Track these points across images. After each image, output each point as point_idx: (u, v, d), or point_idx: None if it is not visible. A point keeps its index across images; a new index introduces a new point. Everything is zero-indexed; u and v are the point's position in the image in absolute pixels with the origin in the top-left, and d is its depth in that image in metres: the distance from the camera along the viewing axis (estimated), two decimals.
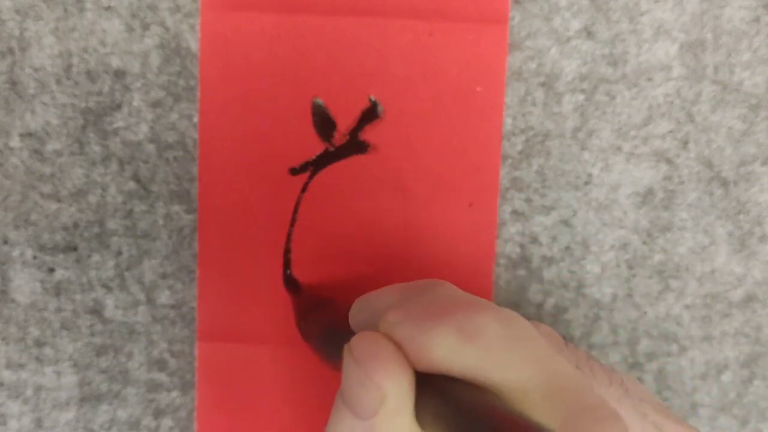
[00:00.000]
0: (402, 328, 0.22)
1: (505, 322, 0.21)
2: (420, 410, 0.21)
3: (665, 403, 0.36)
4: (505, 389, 0.20)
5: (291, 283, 0.35)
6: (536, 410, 0.20)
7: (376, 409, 0.21)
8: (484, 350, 0.20)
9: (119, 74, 0.34)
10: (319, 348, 0.32)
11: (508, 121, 0.34)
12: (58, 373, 0.36)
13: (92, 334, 0.35)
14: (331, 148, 0.34)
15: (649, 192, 0.35)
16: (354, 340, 0.22)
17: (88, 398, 0.36)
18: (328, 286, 0.35)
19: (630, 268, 0.35)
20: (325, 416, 0.35)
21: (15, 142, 0.34)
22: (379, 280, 0.35)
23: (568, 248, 0.35)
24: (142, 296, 0.35)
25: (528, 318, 0.35)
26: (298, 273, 0.35)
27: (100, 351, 0.36)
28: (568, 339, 0.35)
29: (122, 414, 0.36)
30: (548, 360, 0.21)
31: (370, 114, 0.34)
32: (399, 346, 0.22)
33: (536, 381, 0.20)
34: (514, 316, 0.22)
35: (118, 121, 0.34)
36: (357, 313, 0.27)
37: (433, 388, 0.21)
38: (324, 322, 0.32)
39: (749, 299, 0.35)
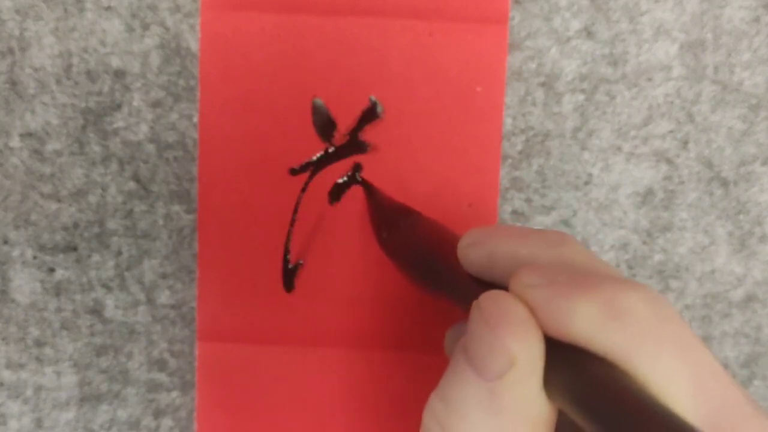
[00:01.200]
0: (539, 292, 0.21)
1: (654, 304, 0.20)
2: (551, 380, 0.20)
3: None
4: (647, 375, 0.19)
5: (291, 283, 0.35)
6: (678, 401, 0.19)
7: (504, 372, 0.20)
8: (631, 331, 0.19)
9: (119, 74, 0.34)
10: (407, 268, 0.30)
11: (508, 121, 0.34)
12: (58, 373, 0.36)
13: (92, 334, 0.35)
14: (331, 148, 0.34)
15: (649, 192, 0.35)
16: (484, 298, 0.21)
17: (88, 398, 0.36)
18: (329, 286, 0.35)
19: (630, 268, 0.35)
20: (325, 416, 0.35)
21: (15, 142, 0.34)
22: (379, 279, 0.35)
23: None
24: (142, 296, 0.35)
25: None
26: (298, 272, 0.35)
27: (100, 351, 0.36)
28: None
29: (122, 414, 0.36)
30: (695, 349, 0.20)
31: (371, 114, 0.34)
32: (532, 310, 0.21)
33: (681, 370, 0.19)
34: (661, 298, 0.21)
35: (118, 121, 0.34)
36: (470, 247, 0.25)
37: (569, 360, 0.20)
38: (413, 239, 0.30)
39: (749, 299, 0.35)
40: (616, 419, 0.18)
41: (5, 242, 0.35)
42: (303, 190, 0.34)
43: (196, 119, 0.34)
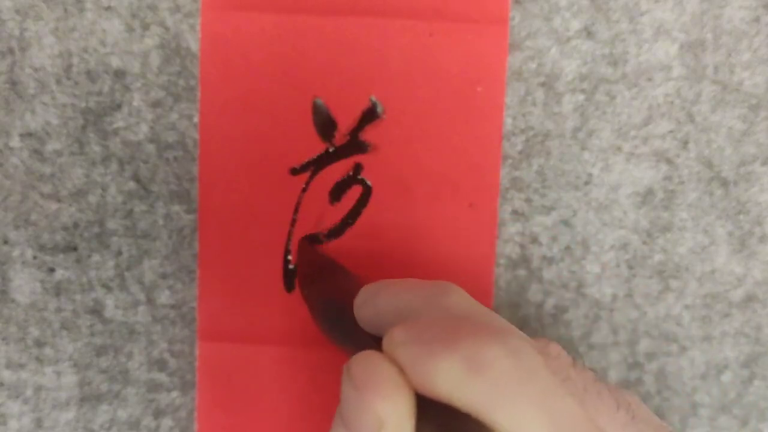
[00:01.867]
0: (406, 351, 0.21)
1: (515, 356, 0.21)
2: None
3: (665, 404, 0.36)
4: (508, 427, 0.20)
5: (291, 283, 0.35)
6: None
7: None
8: (490, 386, 0.20)
9: (119, 74, 0.34)
10: (318, 319, 0.31)
11: (508, 121, 0.34)
12: (58, 373, 0.36)
13: (92, 334, 0.35)
14: (332, 148, 0.34)
15: (649, 192, 0.35)
16: (353, 361, 0.22)
17: (88, 398, 0.36)
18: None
19: (630, 268, 0.35)
20: (325, 416, 0.35)
21: (15, 142, 0.34)
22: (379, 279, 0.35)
23: (568, 248, 0.35)
24: (142, 296, 0.35)
25: (528, 319, 0.35)
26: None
27: (100, 351, 0.36)
28: (575, 355, 0.35)
29: (122, 414, 0.36)
30: (555, 400, 0.20)
31: (371, 114, 0.34)
32: (402, 368, 0.21)
33: (541, 422, 0.20)
34: (523, 347, 0.21)
35: (118, 121, 0.34)
36: (362, 305, 0.26)
37: (434, 418, 0.20)
38: (328, 292, 0.31)
39: (749, 299, 0.35)
40: None
41: (5, 242, 0.35)
42: (303, 190, 0.34)
43: (196, 119, 0.34)
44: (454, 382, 0.20)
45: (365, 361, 0.21)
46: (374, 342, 0.25)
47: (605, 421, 0.26)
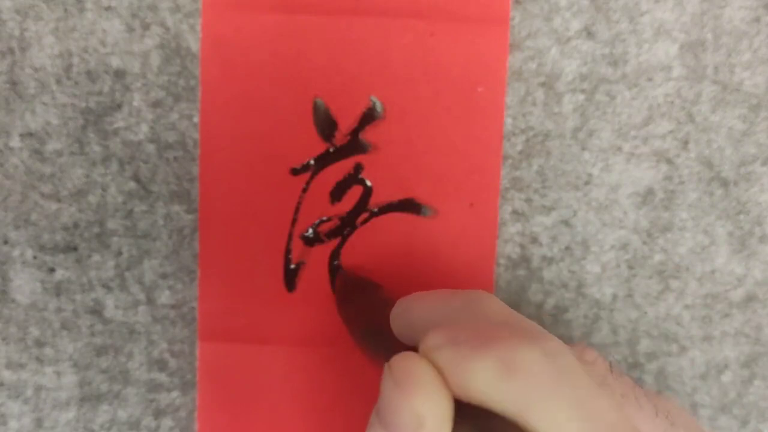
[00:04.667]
0: (442, 354, 0.21)
1: (550, 358, 0.20)
2: None
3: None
4: (543, 429, 0.19)
5: (291, 283, 0.35)
6: None
7: None
8: (525, 388, 0.20)
9: (119, 74, 0.34)
10: (356, 336, 0.31)
11: (508, 121, 0.34)
12: (58, 373, 0.36)
13: (92, 334, 0.35)
14: (332, 148, 0.34)
15: (649, 192, 0.35)
16: (394, 360, 0.22)
17: (88, 398, 0.36)
18: (330, 286, 0.35)
19: (630, 268, 0.35)
20: (326, 416, 0.35)
21: (15, 142, 0.34)
22: (380, 280, 0.35)
23: (568, 248, 0.35)
24: (142, 296, 0.35)
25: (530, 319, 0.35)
26: (300, 272, 0.35)
27: (101, 351, 0.35)
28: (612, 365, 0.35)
29: (122, 414, 0.36)
30: (592, 402, 0.20)
31: (371, 114, 0.34)
32: (439, 371, 0.21)
33: (577, 423, 0.20)
34: (559, 350, 0.21)
35: (119, 121, 0.34)
36: (397, 317, 0.26)
37: (472, 420, 0.20)
38: (365, 310, 0.31)
39: (749, 299, 0.35)
40: None
41: (5, 242, 0.35)
42: (304, 190, 0.34)
43: (196, 119, 0.34)
44: (489, 384, 0.20)
45: (407, 360, 0.21)
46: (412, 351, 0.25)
47: (645, 428, 0.26)
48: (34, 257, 0.35)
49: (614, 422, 0.20)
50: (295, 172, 0.34)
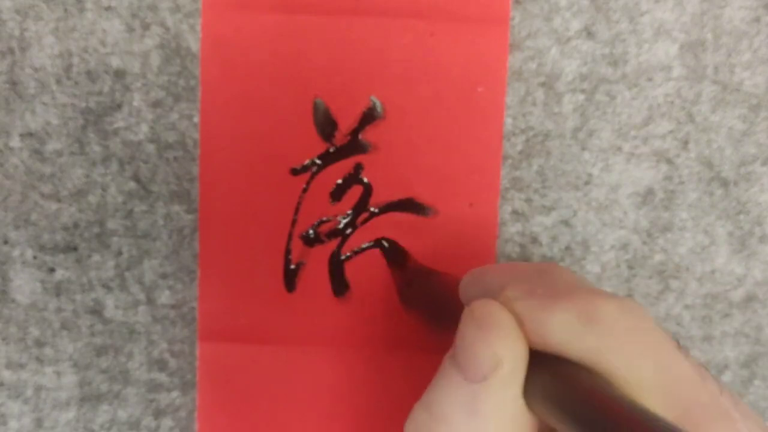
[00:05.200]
0: (522, 303, 0.22)
1: (629, 312, 0.21)
2: (529, 388, 0.21)
3: None
4: (621, 379, 0.20)
5: (291, 283, 0.35)
6: (651, 404, 0.20)
7: (489, 374, 0.21)
8: (605, 336, 0.20)
9: (119, 74, 0.34)
10: (424, 315, 0.31)
11: (508, 121, 0.34)
12: (58, 373, 0.36)
13: (92, 334, 0.35)
14: (332, 149, 0.34)
15: (649, 192, 0.35)
16: (476, 303, 0.22)
17: (88, 398, 0.36)
18: (329, 286, 0.35)
19: (630, 268, 0.35)
20: (326, 416, 0.35)
21: (15, 142, 0.34)
22: (379, 279, 0.35)
23: (568, 248, 0.35)
24: (142, 296, 0.35)
25: None
26: (300, 273, 0.35)
27: (100, 351, 0.35)
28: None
29: (122, 414, 0.36)
30: (668, 354, 0.20)
31: (371, 114, 0.34)
32: (518, 320, 0.21)
33: (654, 374, 0.20)
34: (637, 305, 0.21)
35: (119, 121, 0.34)
36: (468, 285, 0.26)
37: (547, 368, 0.21)
38: (431, 290, 0.31)
39: (749, 299, 0.35)
40: (593, 422, 0.18)
41: (5, 242, 0.35)
42: (304, 190, 0.34)
43: (196, 119, 0.34)
44: (568, 333, 0.20)
45: (488, 304, 0.22)
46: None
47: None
48: (34, 257, 0.35)
49: (691, 375, 0.20)
50: (295, 172, 0.34)
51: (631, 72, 0.34)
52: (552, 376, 0.21)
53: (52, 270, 0.35)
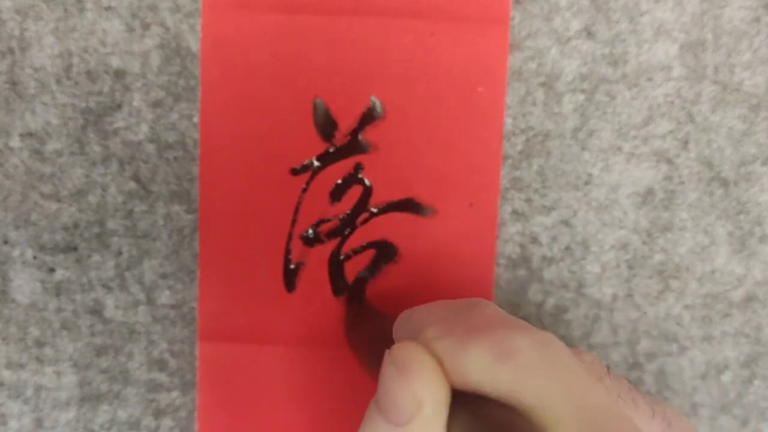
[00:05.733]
0: (440, 343, 0.22)
1: (543, 346, 0.21)
2: (453, 427, 0.21)
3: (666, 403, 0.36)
4: (538, 415, 0.20)
5: (291, 283, 0.35)
6: None
7: (411, 416, 0.21)
8: (519, 372, 0.20)
9: (119, 74, 0.34)
10: (363, 358, 0.32)
11: (508, 121, 0.34)
12: (58, 373, 0.36)
13: (92, 334, 0.35)
14: (332, 148, 0.34)
15: (649, 192, 0.35)
16: (395, 347, 0.22)
17: (88, 398, 0.36)
18: (329, 286, 0.35)
19: (630, 268, 0.35)
20: (325, 416, 0.35)
21: (15, 142, 0.34)
22: (379, 280, 0.35)
23: (568, 248, 0.35)
24: (142, 296, 0.35)
25: (528, 319, 0.35)
26: (299, 273, 0.35)
27: (101, 351, 0.35)
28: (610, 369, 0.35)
29: (122, 414, 0.36)
30: (585, 389, 0.21)
31: (371, 114, 0.34)
32: (437, 360, 0.22)
33: (570, 410, 0.20)
34: (552, 340, 0.22)
35: (119, 121, 0.34)
36: (398, 327, 0.27)
37: (466, 406, 0.21)
38: (372, 334, 0.32)
39: (749, 299, 0.35)
40: None
41: (5, 242, 0.35)
42: (304, 190, 0.34)
43: (196, 119, 0.34)
44: (484, 369, 0.21)
45: (407, 347, 0.22)
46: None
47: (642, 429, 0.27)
48: (34, 257, 0.35)
49: (603, 406, 0.21)
50: (295, 172, 0.34)
51: (631, 72, 0.34)
52: (472, 415, 0.21)
53: (52, 270, 0.35)
